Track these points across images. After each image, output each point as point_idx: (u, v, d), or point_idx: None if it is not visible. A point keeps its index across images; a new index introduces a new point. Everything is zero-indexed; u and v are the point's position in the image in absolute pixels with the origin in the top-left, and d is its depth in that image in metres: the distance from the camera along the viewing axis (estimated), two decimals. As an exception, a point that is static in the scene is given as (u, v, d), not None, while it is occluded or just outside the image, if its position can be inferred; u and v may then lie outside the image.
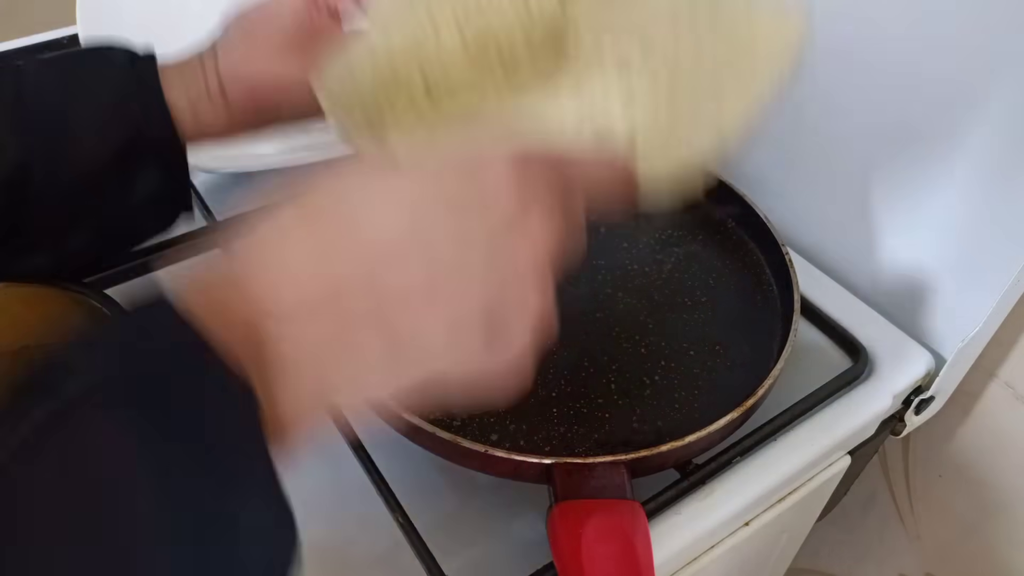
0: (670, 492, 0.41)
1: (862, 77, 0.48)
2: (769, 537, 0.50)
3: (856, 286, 0.54)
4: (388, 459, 0.41)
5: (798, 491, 0.47)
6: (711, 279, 0.50)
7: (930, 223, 0.48)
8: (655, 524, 0.40)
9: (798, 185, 0.55)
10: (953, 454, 0.61)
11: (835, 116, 0.51)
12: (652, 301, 0.49)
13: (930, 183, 0.47)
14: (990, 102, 0.42)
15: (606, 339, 0.47)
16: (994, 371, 0.55)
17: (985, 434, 0.58)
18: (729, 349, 0.46)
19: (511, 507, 0.42)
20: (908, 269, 0.50)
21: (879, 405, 0.47)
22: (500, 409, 0.43)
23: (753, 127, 0.34)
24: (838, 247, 0.55)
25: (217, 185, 0.57)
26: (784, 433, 0.44)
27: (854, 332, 0.50)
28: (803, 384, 0.46)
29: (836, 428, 0.46)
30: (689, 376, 0.45)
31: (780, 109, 0.53)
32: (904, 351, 0.50)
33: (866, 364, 0.48)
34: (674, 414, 0.43)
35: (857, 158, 0.50)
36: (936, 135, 0.45)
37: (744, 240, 0.53)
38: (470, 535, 0.41)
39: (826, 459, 0.47)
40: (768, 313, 0.48)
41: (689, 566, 0.43)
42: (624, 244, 0.52)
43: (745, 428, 0.43)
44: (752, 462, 0.43)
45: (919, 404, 0.50)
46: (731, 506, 0.42)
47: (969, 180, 0.45)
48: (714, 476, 0.42)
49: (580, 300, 0.49)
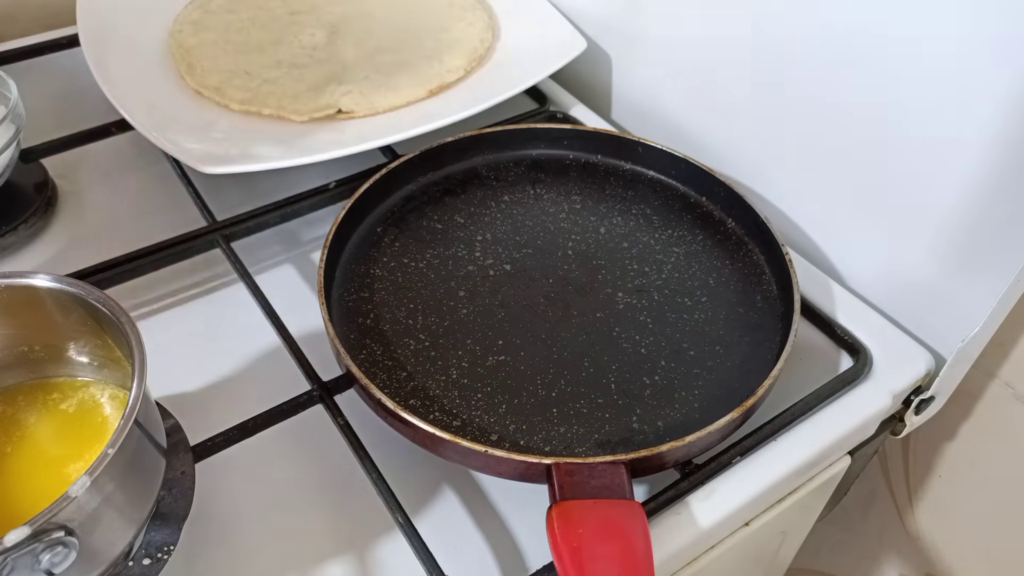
0: (670, 492, 0.41)
1: (862, 77, 0.48)
2: (769, 537, 0.50)
3: (856, 286, 0.54)
4: (388, 459, 0.41)
5: (798, 491, 0.47)
6: (711, 279, 0.50)
7: (930, 223, 0.48)
8: (655, 524, 0.40)
9: (798, 185, 0.55)
10: (953, 454, 0.61)
11: (835, 116, 0.51)
12: (652, 301, 0.49)
13: (930, 183, 0.47)
14: (990, 102, 0.42)
15: (606, 339, 0.47)
16: (994, 371, 0.55)
17: (985, 434, 0.58)
18: (729, 349, 0.46)
19: (511, 507, 0.43)
20: (908, 269, 0.50)
21: (879, 405, 0.47)
22: (500, 409, 0.43)
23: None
24: (838, 247, 0.55)
25: (217, 185, 0.57)
26: (784, 433, 0.44)
27: (854, 332, 0.50)
28: (803, 384, 0.46)
29: (836, 428, 0.46)
30: (689, 376, 0.45)
31: (780, 109, 0.54)
32: (904, 351, 0.50)
33: (866, 364, 0.48)
34: (674, 414, 0.43)
35: (857, 158, 0.50)
36: (937, 135, 0.45)
37: (744, 240, 0.53)
38: (470, 535, 0.41)
39: (826, 459, 0.47)
40: (768, 313, 0.48)
41: (689, 566, 0.43)
42: (624, 244, 0.52)
43: (745, 428, 0.43)
44: (752, 462, 0.43)
45: (919, 404, 0.50)
46: (731, 506, 0.42)
47: (969, 180, 0.45)
48: (714, 476, 0.42)
49: (580, 300, 0.49)
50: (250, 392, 0.46)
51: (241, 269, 0.50)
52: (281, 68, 0.62)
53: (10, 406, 0.39)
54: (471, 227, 0.53)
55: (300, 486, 0.43)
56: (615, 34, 0.65)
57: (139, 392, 0.33)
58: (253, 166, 0.52)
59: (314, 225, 0.57)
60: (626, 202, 0.55)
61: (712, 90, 0.59)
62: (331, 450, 0.44)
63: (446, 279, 0.50)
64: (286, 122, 0.58)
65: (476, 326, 0.47)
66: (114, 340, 0.37)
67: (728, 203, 0.54)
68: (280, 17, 0.67)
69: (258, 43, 0.64)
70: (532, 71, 0.62)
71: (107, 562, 0.33)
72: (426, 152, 0.55)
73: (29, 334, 0.39)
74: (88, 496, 0.30)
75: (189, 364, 0.48)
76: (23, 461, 0.37)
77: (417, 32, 0.66)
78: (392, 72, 0.62)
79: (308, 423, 0.43)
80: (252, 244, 0.54)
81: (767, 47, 0.53)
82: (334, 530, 0.41)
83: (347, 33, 0.66)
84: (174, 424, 0.40)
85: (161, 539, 0.36)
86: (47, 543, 0.29)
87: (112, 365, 0.39)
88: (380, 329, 0.46)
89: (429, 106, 0.60)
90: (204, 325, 0.51)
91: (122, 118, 0.55)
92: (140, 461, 0.34)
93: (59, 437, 0.38)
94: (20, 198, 0.55)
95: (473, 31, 0.66)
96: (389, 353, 0.45)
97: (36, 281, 0.37)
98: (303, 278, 0.54)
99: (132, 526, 0.34)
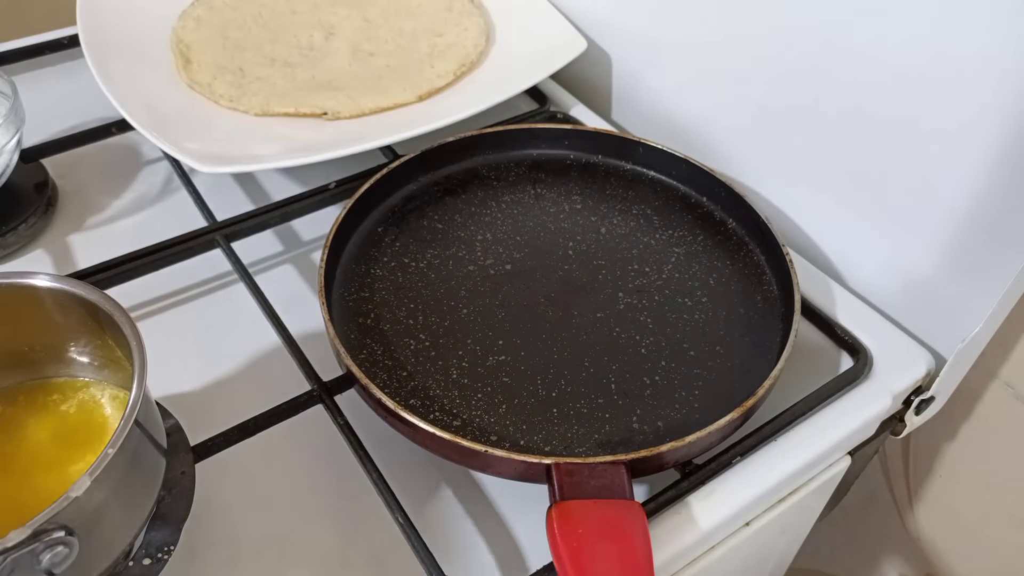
0: (670, 492, 0.41)
1: (863, 77, 0.48)
2: (769, 537, 0.50)
3: (856, 286, 0.54)
4: (388, 459, 0.41)
5: (798, 491, 0.47)
6: (711, 279, 0.50)
7: (930, 223, 0.48)
8: (655, 524, 0.40)
9: (798, 185, 0.55)
10: (953, 454, 0.61)
11: (835, 116, 0.51)
12: (652, 301, 0.49)
13: (931, 182, 0.47)
14: (991, 102, 0.42)
15: (606, 339, 0.47)
16: (994, 371, 0.55)
17: (985, 434, 0.58)
18: (729, 349, 0.46)
19: (511, 507, 0.43)
20: (908, 269, 0.50)
21: (879, 405, 0.47)
22: (500, 409, 0.43)
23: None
24: (838, 247, 0.55)
25: (217, 185, 0.57)
26: (784, 433, 0.44)
27: (854, 332, 0.50)
28: (803, 384, 0.46)
29: (836, 428, 0.46)
30: (689, 376, 0.45)
31: (781, 110, 0.54)
32: (904, 351, 0.50)
33: (866, 364, 0.48)
34: (674, 414, 0.43)
35: (857, 158, 0.50)
36: (937, 135, 0.45)
37: (744, 240, 0.53)
38: (470, 535, 0.41)
39: (826, 459, 0.47)
40: (768, 313, 0.48)
41: (689, 566, 0.43)
42: (624, 244, 0.52)
43: (745, 428, 0.43)
44: (752, 462, 0.43)
45: (919, 404, 0.50)
46: (731, 506, 0.42)
47: (970, 179, 0.45)
48: (714, 476, 0.42)
49: (580, 300, 0.49)
50: (250, 392, 0.46)
51: (241, 269, 0.50)
52: (274, 66, 0.62)
53: (10, 406, 0.39)
54: (471, 227, 0.53)
55: (300, 486, 0.43)
56: (615, 34, 0.65)
57: (139, 392, 0.33)
58: (254, 166, 0.52)
59: (314, 225, 0.57)
60: (627, 202, 0.55)
61: (713, 90, 0.59)
62: (331, 450, 0.44)
63: (446, 279, 0.50)
64: (287, 122, 0.58)
65: (476, 326, 0.47)
66: (114, 340, 0.37)
67: (729, 203, 0.54)
68: (281, 15, 0.67)
69: (256, 40, 0.64)
70: (532, 71, 0.62)
71: (107, 562, 0.33)
72: (426, 152, 0.55)
73: (29, 334, 0.39)
74: (88, 496, 0.30)
75: (189, 364, 0.48)
76: (23, 461, 0.37)
77: (413, 36, 0.66)
78: (384, 75, 0.62)
79: (308, 423, 0.43)
80: (252, 244, 0.54)
81: (768, 47, 0.53)
82: (334, 530, 0.41)
83: (345, 35, 0.66)
84: (174, 424, 0.40)
85: (161, 539, 0.36)
86: (47, 543, 0.29)
87: (112, 365, 0.39)
88: (380, 329, 0.46)
89: (428, 107, 0.60)
90: (204, 325, 0.51)
91: (122, 118, 0.55)
92: (140, 461, 0.34)
93: (59, 437, 0.38)
94: (20, 198, 0.55)
95: (468, 36, 0.66)
96: (389, 353, 0.45)
97: (36, 281, 0.37)
98: (303, 278, 0.54)
99: (132, 526, 0.34)
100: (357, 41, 0.65)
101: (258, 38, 0.65)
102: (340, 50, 0.64)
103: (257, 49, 0.63)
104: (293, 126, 0.58)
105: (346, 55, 0.64)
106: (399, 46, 0.65)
